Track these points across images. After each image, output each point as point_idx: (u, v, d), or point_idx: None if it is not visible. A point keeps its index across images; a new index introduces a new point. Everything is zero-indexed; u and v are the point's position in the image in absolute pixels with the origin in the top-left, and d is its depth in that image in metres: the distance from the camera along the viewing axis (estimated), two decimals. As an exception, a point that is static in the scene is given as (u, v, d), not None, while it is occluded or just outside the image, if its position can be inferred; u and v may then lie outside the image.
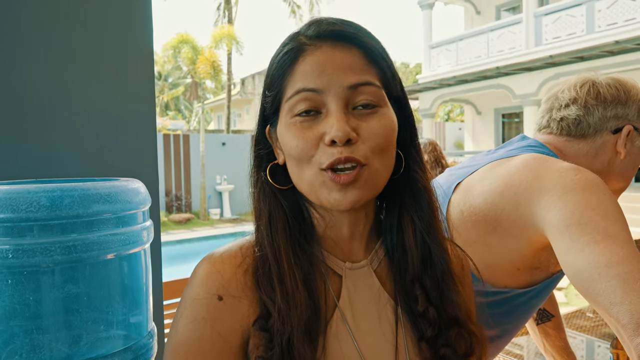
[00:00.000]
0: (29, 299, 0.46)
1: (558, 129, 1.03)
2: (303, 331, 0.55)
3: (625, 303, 0.67)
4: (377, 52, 0.59)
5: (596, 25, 9.34)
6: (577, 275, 0.75)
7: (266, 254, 0.59)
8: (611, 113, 1.00)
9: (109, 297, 0.52)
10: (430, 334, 0.60)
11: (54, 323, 0.47)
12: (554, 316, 1.32)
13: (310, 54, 0.57)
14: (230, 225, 12.85)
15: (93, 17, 0.84)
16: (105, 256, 0.50)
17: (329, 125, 0.55)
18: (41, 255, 0.46)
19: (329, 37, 0.57)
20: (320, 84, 0.56)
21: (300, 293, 0.56)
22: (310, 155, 0.56)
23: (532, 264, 0.93)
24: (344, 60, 0.56)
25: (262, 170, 0.63)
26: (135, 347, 0.54)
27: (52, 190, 0.47)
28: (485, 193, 0.93)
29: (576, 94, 1.02)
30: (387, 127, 0.57)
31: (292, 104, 0.57)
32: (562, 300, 5.29)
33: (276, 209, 0.61)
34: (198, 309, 0.57)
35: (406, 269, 0.62)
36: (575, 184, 0.82)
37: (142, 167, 0.86)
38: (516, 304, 0.97)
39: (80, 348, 0.48)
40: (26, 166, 0.77)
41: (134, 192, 0.55)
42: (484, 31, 11.56)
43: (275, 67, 0.60)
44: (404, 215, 0.63)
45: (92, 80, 0.84)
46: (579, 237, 0.76)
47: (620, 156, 1.00)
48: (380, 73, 0.59)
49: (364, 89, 0.56)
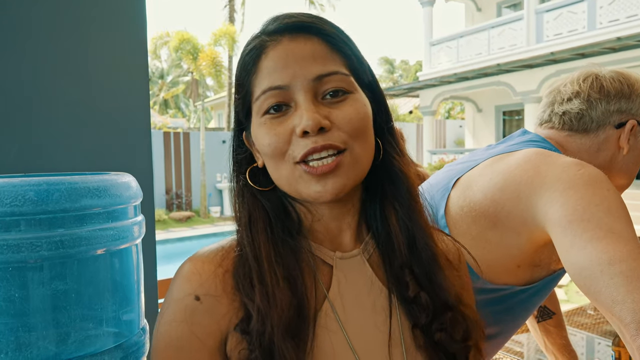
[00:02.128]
0: (15, 296, 0.44)
1: (560, 123, 1.02)
2: (284, 330, 0.54)
3: (628, 301, 0.66)
4: (338, 39, 0.58)
5: (598, 22, 9.31)
6: (579, 273, 0.73)
7: (246, 254, 0.58)
8: (614, 107, 0.98)
9: (98, 294, 0.50)
10: (424, 320, 0.60)
11: (40, 320, 0.45)
12: (554, 314, 1.31)
13: (272, 49, 0.56)
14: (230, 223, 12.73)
15: (86, 13, 0.83)
16: (94, 252, 0.49)
17: (298, 116, 0.54)
18: (27, 250, 0.44)
19: (288, 30, 0.57)
20: (285, 79, 0.55)
21: (281, 291, 0.55)
22: (283, 151, 0.56)
23: (532, 261, 0.92)
24: (305, 51, 0.56)
25: (242, 173, 0.63)
26: (126, 345, 0.53)
27: (38, 183, 0.45)
28: (485, 188, 0.92)
29: (579, 88, 1.00)
30: (360, 112, 0.56)
31: (261, 104, 0.57)
32: (563, 297, 5.28)
33: (256, 210, 0.60)
34: (176, 309, 0.57)
35: (394, 256, 0.62)
36: (578, 179, 0.80)
37: (136, 163, 0.85)
38: (516, 301, 0.96)
39: (68, 346, 0.47)
40: (17, 162, 0.75)
41: (124, 186, 0.53)
42: (485, 28, 11.53)
43: (241, 68, 0.59)
44: (385, 203, 0.62)
45: (85, 77, 0.83)
46: (581, 234, 0.74)
47: (623, 151, 0.99)
48: (345, 59, 0.58)
49: (331, 78, 0.56)
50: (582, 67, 1.06)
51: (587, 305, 2.13)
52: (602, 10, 9.28)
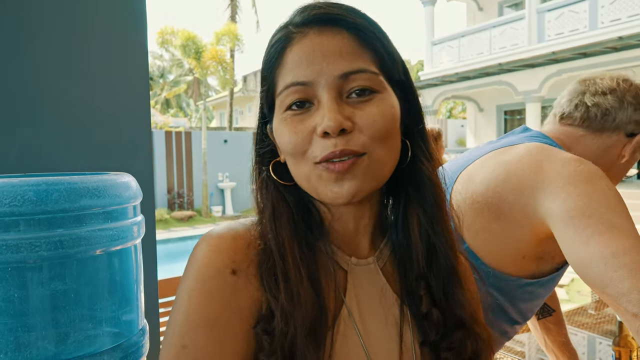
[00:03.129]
0: (14, 296, 0.44)
1: (581, 118, 1.01)
2: (307, 332, 0.51)
3: (634, 292, 0.68)
4: (370, 34, 0.54)
5: (599, 21, 9.28)
6: (584, 268, 0.75)
7: (270, 247, 0.55)
8: (637, 117, 1.00)
9: (98, 294, 0.50)
10: (433, 338, 0.58)
11: (40, 321, 0.45)
12: (554, 311, 1.31)
13: (298, 42, 0.54)
14: (232, 222, 12.82)
15: (86, 14, 0.83)
16: (94, 252, 0.49)
17: (320, 116, 0.52)
18: (26, 250, 0.44)
19: (316, 22, 0.54)
20: (310, 75, 0.52)
21: (305, 291, 0.53)
22: (304, 150, 0.53)
23: (537, 253, 0.93)
24: (332, 46, 0.52)
25: (265, 166, 0.60)
26: (126, 345, 0.53)
27: (37, 183, 0.46)
28: (487, 180, 0.93)
29: (617, 86, 1.01)
30: (386, 114, 0.53)
31: (283, 98, 0.54)
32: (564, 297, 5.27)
33: (280, 203, 0.58)
34: (210, 285, 0.52)
35: (411, 266, 0.59)
36: (578, 175, 0.82)
37: (136, 163, 0.85)
38: (521, 293, 0.96)
39: (67, 346, 0.47)
40: (17, 162, 0.76)
41: (123, 186, 0.54)
42: (487, 27, 11.50)
43: (265, 60, 0.57)
44: (409, 209, 0.60)
45: (85, 77, 0.83)
46: (583, 229, 0.76)
47: (621, 160, 1.01)
48: (376, 56, 0.54)
49: (357, 77, 0.52)
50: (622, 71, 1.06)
51: (588, 305, 2.12)
52: (603, 9, 9.25)
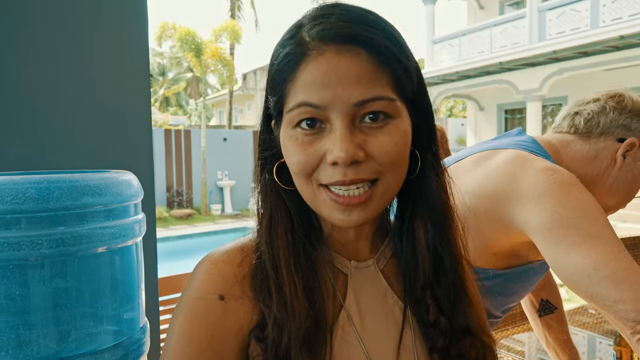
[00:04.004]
0: (15, 294, 0.44)
1: (569, 126, 1.05)
2: (301, 342, 0.52)
3: (620, 304, 0.72)
4: (389, 54, 0.52)
5: (600, 20, 9.27)
6: (568, 278, 0.78)
7: (265, 260, 0.56)
8: (624, 121, 1.00)
9: (99, 292, 0.50)
10: (441, 344, 0.58)
11: (41, 318, 0.45)
12: (556, 308, 1.31)
13: (313, 60, 0.51)
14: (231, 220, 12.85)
15: (88, 12, 0.82)
16: (95, 250, 0.49)
17: (331, 142, 0.51)
18: (28, 248, 0.44)
19: (335, 40, 0.51)
20: (324, 99, 0.50)
21: (299, 302, 0.53)
22: (310, 172, 0.53)
23: (510, 252, 0.96)
24: (350, 70, 0.50)
25: (267, 170, 0.59)
26: (127, 343, 0.53)
27: (39, 181, 0.45)
28: (466, 184, 0.96)
29: (600, 97, 1.05)
30: (399, 142, 0.52)
31: (294, 116, 0.52)
32: (564, 296, 5.27)
33: (278, 211, 0.58)
34: (198, 309, 0.54)
35: (416, 275, 0.59)
36: (551, 184, 0.84)
37: (137, 161, 0.84)
38: (491, 285, 0.97)
39: (68, 344, 0.47)
40: (19, 160, 0.75)
41: (125, 184, 0.53)
42: (487, 26, 11.48)
43: (276, 70, 0.55)
44: (415, 219, 0.60)
45: (87, 75, 0.82)
46: (562, 241, 0.79)
47: (616, 165, 1.01)
48: (393, 79, 0.52)
49: (373, 104, 0.51)
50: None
51: (589, 305, 2.12)
52: (605, 8, 9.24)
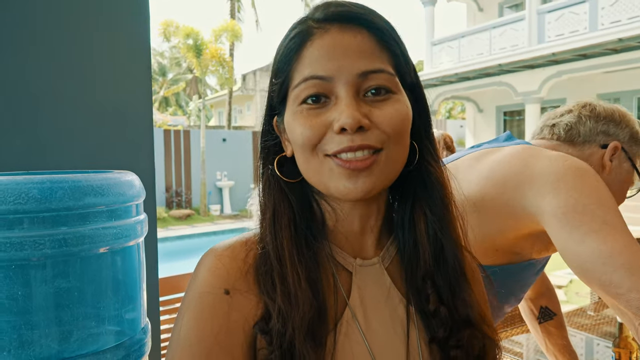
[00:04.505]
0: (18, 294, 0.44)
1: (550, 133, 1.07)
2: (305, 332, 0.52)
3: (633, 291, 0.72)
4: (389, 35, 0.55)
5: (599, 23, 9.29)
6: (580, 265, 0.77)
7: (268, 251, 0.56)
8: (602, 128, 1.03)
9: (101, 292, 0.50)
10: (442, 335, 0.58)
11: (43, 318, 0.45)
12: (556, 315, 1.31)
13: (318, 37, 0.54)
14: (230, 221, 12.84)
15: (89, 11, 0.82)
16: (97, 250, 0.49)
17: (338, 111, 0.52)
18: (30, 248, 0.44)
19: (337, 19, 0.54)
20: (329, 70, 0.53)
21: (303, 292, 0.53)
22: (315, 144, 0.53)
23: (512, 248, 0.94)
24: (353, 44, 0.53)
25: (269, 162, 0.60)
26: (128, 344, 0.53)
27: (41, 181, 0.45)
28: (470, 177, 0.95)
29: (572, 108, 1.07)
30: (402, 113, 0.54)
31: (299, 92, 0.54)
32: (562, 298, 5.28)
33: (281, 204, 0.58)
34: (204, 304, 0.54)
35: (417, 265, 0.60)
36: (566, 170, 0.83)
37: (138, 161, 0.84)
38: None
39: (70, 344, 0.47)
40: (20, 160, 0.75)
41: (127, 185, 0.53)
42: (487, 28, 11.50)
43: (282, 53, 0.57)
44: (416, 209, 0.60)
45: (88, 75, 0.82)
46: (577, 227, 0.78)
47: (605, 170, 1.02)
48: (392, 58, 0.55)
49: (376, 76, 0.53)
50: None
51: (587, 306, 2.13)
52: (604, 11, 9.26)
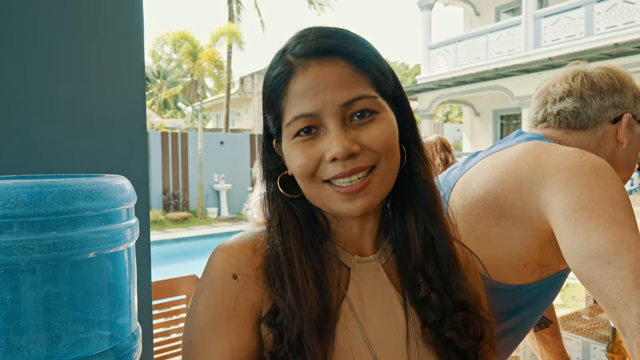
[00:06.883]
0: (6, 299, 0.44)
1: (556, 122, 1.01)
2: (313, 327, 0.57)
3: (634, 294, 0.66)
4: (365, 58, 0.60)
5: (595, 28, 9.35)
6: (583, 262, 0.72)
7: (278, 252, 0.61)
8: (609, 102, 0.97)
9: (91, 297, 0.50)
10: (433, 319, 0.63)
11: (32, 323, 0.45)
12: (551, 322, 1.31)
13: (301, 74, 0.58)
14: (227, 224, 12.82)
15: (82, 14, 0.82)
16: (87, 255, 0.49)
17: (328, 141, 0.58)
18: (19, 253, 0.44)
19: (315, 53, 0.59)
20: (315, 107, 0.58)
21: (311, 290, 0.59)
22: (313, 172, 0.59)
23: (539, 261, 0.90)
24: (333, 76, 0.58)
25: (272, 180, 0.66)
26: (118, 349, 0.52)
27: (31, 185, 0.45)
28: (486, 183, 0.91)
29: (570, 86, 1.00)
30: (388, 131, 0.59)
31: (292, 128, 0.59)
32: (559, 302, 5.28)
33: (287, 214, 0.64)
34: (214, 289, 0.60)
35: (409, 259, 0.65)
36: (580, 167, 0.79)
37: (131, 165, 0.84)
38: (524, 300, 0.94)
39: (59, 349, 0.47)
40: (10, 163, 0.75)
41: (118, 189, 0.53)
42: (483, 32, 11.56)
43: (270, 90, 0.62)
44: (406, 207, 0.66)
45: (81, 78, 0.82)
46: (586, 223, 0.73)
47: (623, 146, 0.98)
48: (371, 80, 0.60)
49: (357, 103, 0.58)
50: (567, 66, 1.05)
51: (583, 311, 2.13)
52: (599, 16, 9.32)
